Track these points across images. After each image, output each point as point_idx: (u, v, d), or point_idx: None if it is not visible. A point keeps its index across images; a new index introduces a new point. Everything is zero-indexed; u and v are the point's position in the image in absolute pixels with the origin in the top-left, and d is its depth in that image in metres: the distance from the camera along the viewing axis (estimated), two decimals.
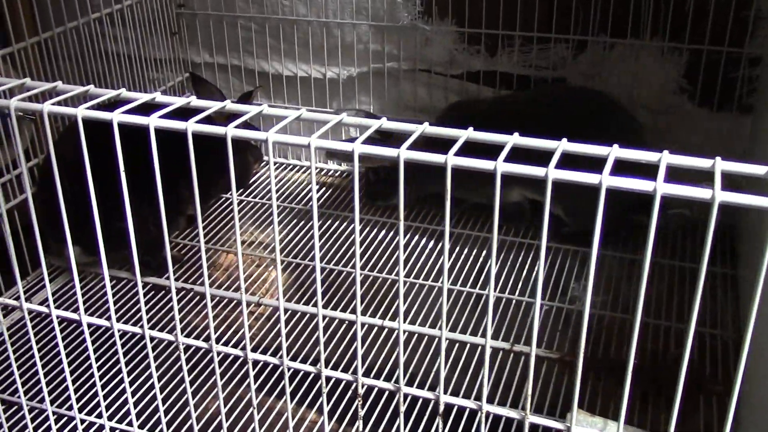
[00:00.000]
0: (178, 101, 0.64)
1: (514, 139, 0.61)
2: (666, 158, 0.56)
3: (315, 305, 1.31)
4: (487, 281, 0.62)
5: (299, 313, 1.33)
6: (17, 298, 0.80)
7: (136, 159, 0.98)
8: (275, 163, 1.82)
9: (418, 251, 1.50)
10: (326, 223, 1.59)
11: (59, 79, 1.49)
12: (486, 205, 1.52)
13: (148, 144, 0.61)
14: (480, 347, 1.22)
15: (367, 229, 1.56)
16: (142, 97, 0.64)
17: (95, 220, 0.70)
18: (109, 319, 0.75)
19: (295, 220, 1.61)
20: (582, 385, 1.14)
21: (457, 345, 1.24)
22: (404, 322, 1.28)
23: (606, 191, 0.54)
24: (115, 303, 1.34)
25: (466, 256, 1.48)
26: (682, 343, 0.57)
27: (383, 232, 1.56)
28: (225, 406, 1.09)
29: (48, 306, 0.77)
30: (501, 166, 0.57)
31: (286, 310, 1.32)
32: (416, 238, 1.53)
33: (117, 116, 0.61)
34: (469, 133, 0.61)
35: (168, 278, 1.40)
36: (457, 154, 0.59)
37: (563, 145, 0.60)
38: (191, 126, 0.61)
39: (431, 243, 1.52)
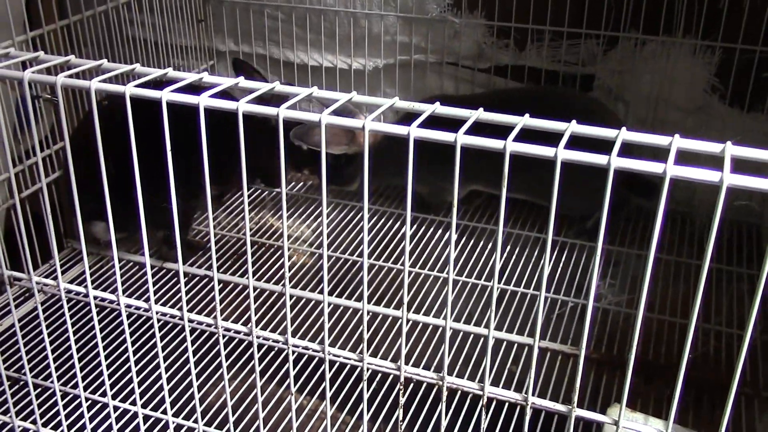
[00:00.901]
0: (226, 81, 0.63)
1: (478, 114, 0.63)
2: (677, 142, 0.56)
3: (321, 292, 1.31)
4: (511, 278, 0.61)
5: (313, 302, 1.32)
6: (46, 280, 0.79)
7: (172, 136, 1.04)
8: None
9: (432, 242, 1.49)
10: (332, 212, 1.60)
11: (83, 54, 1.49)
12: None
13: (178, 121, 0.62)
14: (527, 347, 1.21)
15: (376, 218, 1.57)
16: (189, 77, 0.63)
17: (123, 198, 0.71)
18: (147, 300, 0.74)
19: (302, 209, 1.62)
20: (611, 381, 1.14)
21: (480, 341, 1.23)
22: (409, 311, 1.27)
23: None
24: (144, 286, 1.34)
25: (481, 249, 1.47)
26: (706, 343, 0.57)
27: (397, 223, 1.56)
28: (261, 395, 1.09)
29: (85, 286, 0.76)
30: (461, 138, 0.58)
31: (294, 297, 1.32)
32: (427, 229, 1.53)
33: (166, 95, 0.60)
34: (436, 107, 0.62)
35: (205, 266, 1.41)
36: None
37: (525, 120, 0.60)
38: (204, 101, 0.60)
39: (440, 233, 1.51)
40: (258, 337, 0.74)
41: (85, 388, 1.10)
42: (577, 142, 0.62)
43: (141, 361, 1.14)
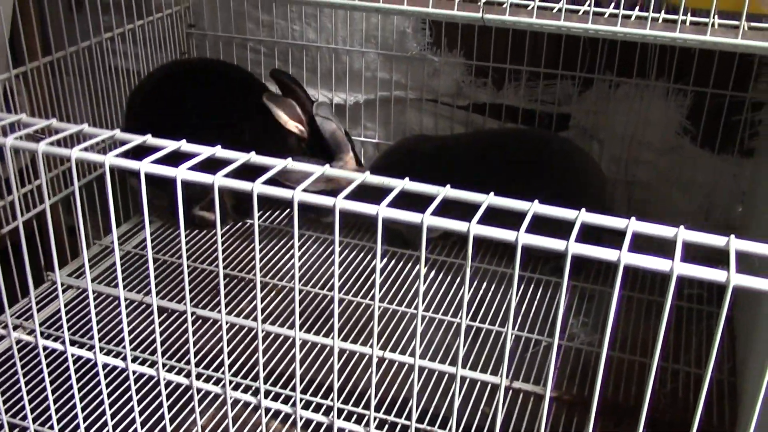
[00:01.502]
0: (204, 151, 0.65)
1: (445, 191, 0.65)
2: (682, 234, 0.58)
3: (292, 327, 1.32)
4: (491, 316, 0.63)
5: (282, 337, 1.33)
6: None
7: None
8: None
9: (401, 277, 1.51)
10: (307, 243, 1.61)
11: (67, 94, 1.50)
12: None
13: None
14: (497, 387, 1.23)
15: (347, 252, 1.58)
16: (168, 146, 0.65)
17: None
18: (125, 358, 0.76)
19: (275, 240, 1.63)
20: (582, 422, 1.17)
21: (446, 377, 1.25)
22: (380, 347, 1.29)
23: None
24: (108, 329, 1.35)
25: (457, 285, 1.48)
26: (675, 382, 0.58)
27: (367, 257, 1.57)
28: None
29: (62, 342, 0.78)
30: (428, 219, 0.60)
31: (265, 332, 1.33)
32: (405, 264, 1.55)
33: (145, 165, 0.62)
34: (405, 183, 0.64)
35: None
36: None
37: (489, 200, 0.62)
38: (181, 173, 0.62)
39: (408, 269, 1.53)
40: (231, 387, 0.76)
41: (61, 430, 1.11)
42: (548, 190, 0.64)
43: (118, 413, 1.15)
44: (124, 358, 0.77)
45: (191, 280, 1.49)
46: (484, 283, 1.48)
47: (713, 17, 0.97)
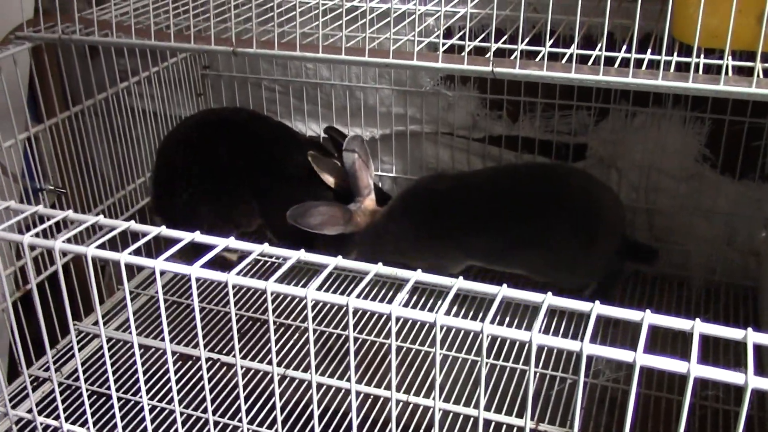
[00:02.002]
0: (219, 243, 0.66)
1: (457, 283, 0.64)
2: (698, 327, 0.57)
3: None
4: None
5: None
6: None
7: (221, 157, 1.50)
8: None
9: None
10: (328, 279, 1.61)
11: (86, 135, 1.52)
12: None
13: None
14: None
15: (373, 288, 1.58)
16: (185, 237, 0.66)
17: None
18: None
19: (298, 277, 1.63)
20: None
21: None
22: (400, 390, 1.29)
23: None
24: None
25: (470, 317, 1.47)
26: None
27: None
28: None
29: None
30: (441, 319, 0.60)
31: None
32: (427, 299, 1.54)
33: (159, 263, 0.63)
34: (417, 275, 0.67)
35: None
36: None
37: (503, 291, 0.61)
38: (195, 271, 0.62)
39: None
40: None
41: None
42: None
43: None
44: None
45: (209, 321, 1.50)
46: (507, 316, 1.48)
47: (727, 59, 0.96)
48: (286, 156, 1.52)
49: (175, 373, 1.37)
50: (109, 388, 1.32)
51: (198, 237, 0.66)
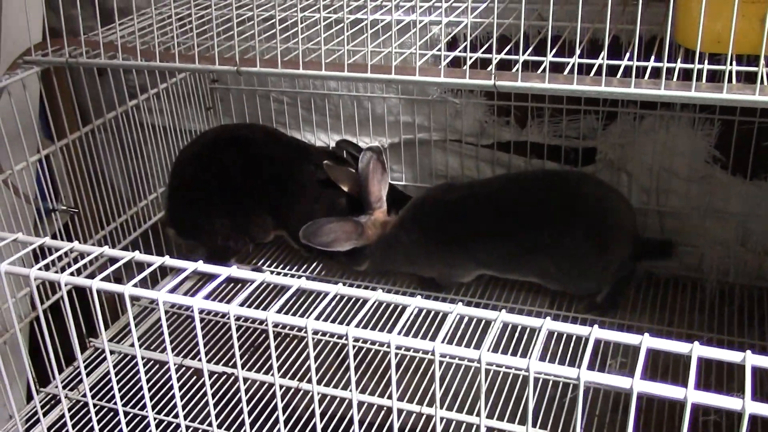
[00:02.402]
0: (223, 271, 0.67)
1: (458, 309, 0.63)
2: (697, 350, 0.57)
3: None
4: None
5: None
6: None
7: (235, 172, 1.54)
8: None
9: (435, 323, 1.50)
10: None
11: (98, 149, 1.54)
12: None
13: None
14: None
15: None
16: (188, 267, 0.66)
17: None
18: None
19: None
20: None
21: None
22: (402, 399, 1.29)
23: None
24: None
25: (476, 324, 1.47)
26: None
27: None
28: None
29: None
30: (438, 347, 0.59)
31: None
32: None
33: (163, 295, 0.63)
34: (416, 302, 0.64)
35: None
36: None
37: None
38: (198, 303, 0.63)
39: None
40: None
41: None
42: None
43: None
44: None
45: (215, 334, 1.50)
46: (506, 335, 1.47)
47: (730, 64, 0.95)
48: (298, 169, 1.54)
49: (196, 387, 1.38)
50: (132, 406, 1.34)
51: (201, 266, 0.66)
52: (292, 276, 1.68)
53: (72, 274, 0.72)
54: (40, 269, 0.70)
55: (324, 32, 1.13)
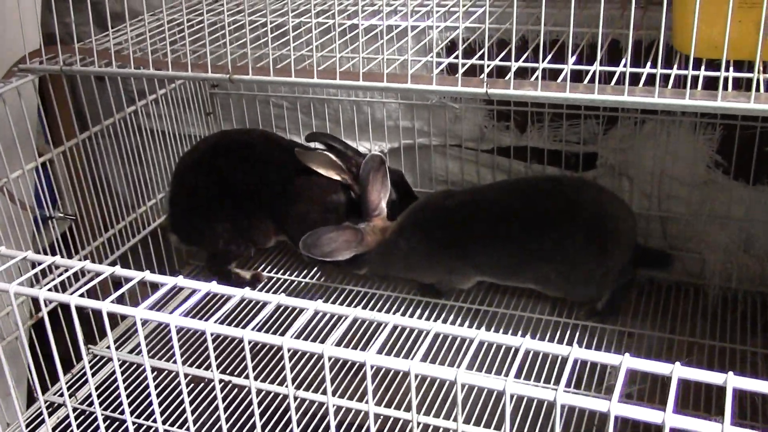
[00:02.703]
0: (199, 286, 0.66)
1: (436, 327, 0.62)
2: (678, 371, 0.56)
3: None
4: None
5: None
6: None
7: (236, 178, 1.56)
8: None
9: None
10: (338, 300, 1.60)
11: (97, 154, 1.54)
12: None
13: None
14: None
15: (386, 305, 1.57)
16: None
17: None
18: None
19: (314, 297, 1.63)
20: None
21: None
22: (420, 412, 1.27)
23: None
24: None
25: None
26: None
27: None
28: None
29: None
30: (461, 377, 0.58)
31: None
32: (439, 313, 1.53)
33: (175, 320, 0.63)
34: (395, 319, 0.62)
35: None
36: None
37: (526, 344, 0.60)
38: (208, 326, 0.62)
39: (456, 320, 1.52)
40: None
41: None
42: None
43: None
44: None
45: (225, 345, 1.50)
46: (519, 332, 1.46)
47: (725, 71, 0.93)
48: (294, 172, 1.53)
49: (189, 395, 1.38)
50: (122, 412, 1.34)
51: (180, 282, 0.66)
52: (292, 282, 1.67)
53: (56, 289, 0.72)
54: (21, 284, 0.70)
55: (319, 38, 1.12)
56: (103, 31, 1.34)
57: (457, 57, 1.10)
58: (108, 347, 1.52)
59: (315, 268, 1.71)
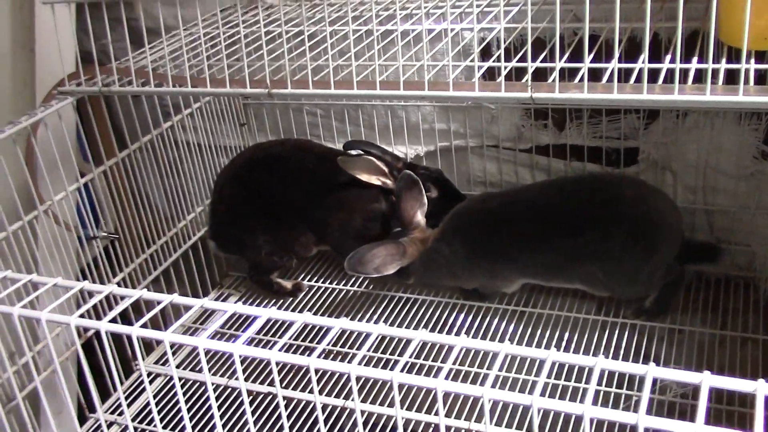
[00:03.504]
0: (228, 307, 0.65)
1: (461, 342, 0.61)
2: (708, 380, 0.54)
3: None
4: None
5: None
6: None
7: (272, 191, 1.56)
8: None
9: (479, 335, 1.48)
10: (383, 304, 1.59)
11: (135, 170, 1.55)
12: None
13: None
14: None
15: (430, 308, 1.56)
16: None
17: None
18: None
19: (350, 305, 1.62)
20: None
21: None
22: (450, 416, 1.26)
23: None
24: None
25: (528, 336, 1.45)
26: None
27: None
28: None
29: None
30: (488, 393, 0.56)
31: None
32: (484, 317, 1.52)
33: (203, 341, 0.62)
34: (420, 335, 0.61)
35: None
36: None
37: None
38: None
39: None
40: None
41: None
42: None
43: None
44: None
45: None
46: (566, 333, 1.45)
47: None
48: (332, 180, 1.52)
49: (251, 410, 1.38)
50: (174, 428, 1.35)
51: (207, 303, 0.65)
52: (333, 290, 1.67)
53: (88, 314, 0.72)
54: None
55: (354, 46, 1.11)
56: (138, 48, 1.35)
57: (495, 60, 1.08)
58: (155, 363, 1.54)
59: (354, 276, 1.70)
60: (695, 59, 0.99)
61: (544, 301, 1.53)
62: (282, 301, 1.67)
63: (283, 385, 1.39)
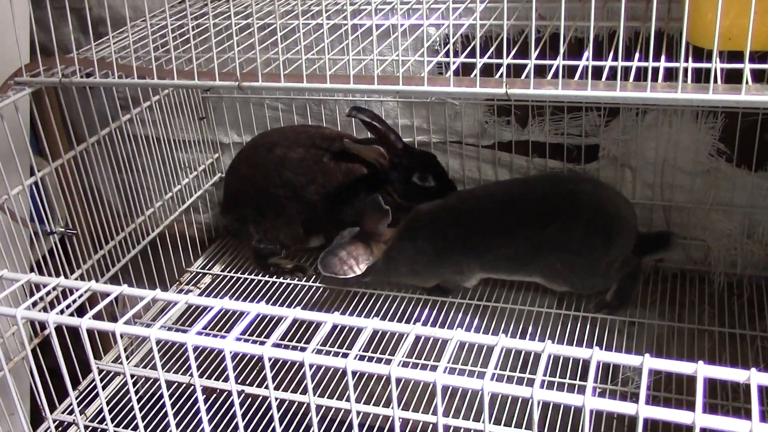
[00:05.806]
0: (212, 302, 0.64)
1: (458, 335, 0.62)
2: (702, 370, 0.55)
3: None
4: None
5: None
6: None
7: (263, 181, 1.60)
8: None
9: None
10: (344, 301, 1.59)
11: (89, 164, 1.50)
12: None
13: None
14: None
15: (394, 304, 1.56)
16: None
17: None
18: None
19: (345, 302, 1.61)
20: None
21: None
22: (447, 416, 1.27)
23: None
24: None
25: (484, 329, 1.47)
26: None
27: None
28: None
29: None
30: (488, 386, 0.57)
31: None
32: (447, 311, 1.52)
33: (155, 332, 0.61)
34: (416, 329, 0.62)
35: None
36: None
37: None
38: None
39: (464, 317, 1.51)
40: None
41: None
42: None
43: None
44: None
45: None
46: (529, 326, 1.46)
47: (749, 63, 0.93)
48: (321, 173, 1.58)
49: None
50: (133, 428, 1.32)
51: (192, 299, 0.64)
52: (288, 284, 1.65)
53: (61, 310, 0.70)
54: (27, 308, 0.68)
55: (326, 40, 1.10)
56: (98, 39, 1.31)
57: (468, 56, 1.09)
58: (113, 362, 1.50)
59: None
60: (663, 58, 1.01)
61: (506, 296, 1.55)
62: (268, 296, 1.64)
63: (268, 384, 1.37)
